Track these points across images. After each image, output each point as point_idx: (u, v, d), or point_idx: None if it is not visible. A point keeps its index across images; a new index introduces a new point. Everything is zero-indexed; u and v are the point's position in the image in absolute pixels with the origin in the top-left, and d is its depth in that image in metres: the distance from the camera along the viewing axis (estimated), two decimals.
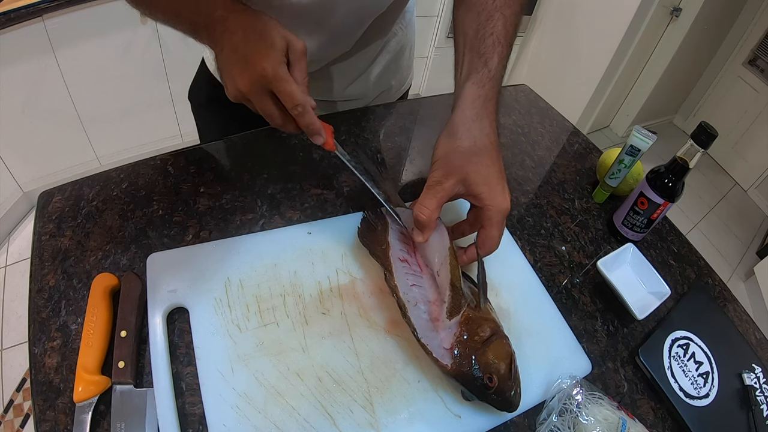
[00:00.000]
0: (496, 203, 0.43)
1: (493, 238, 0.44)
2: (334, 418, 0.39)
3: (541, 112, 0.87)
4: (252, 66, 0.40)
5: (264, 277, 0.46)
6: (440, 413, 0.41)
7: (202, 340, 0.41)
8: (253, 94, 0.41)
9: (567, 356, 0.48)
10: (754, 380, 0.52)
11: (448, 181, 0.43)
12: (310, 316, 0.45)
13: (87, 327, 0.40)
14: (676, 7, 2.17)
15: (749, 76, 2.58)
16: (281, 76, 0.40)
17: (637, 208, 0.60)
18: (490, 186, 0.43)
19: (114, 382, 0.38)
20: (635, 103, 2.63)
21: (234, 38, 0.41)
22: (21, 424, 1.20)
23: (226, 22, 0.42)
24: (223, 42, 0.42)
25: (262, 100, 0.41)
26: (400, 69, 0.77)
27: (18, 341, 1.34)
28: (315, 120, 0.44)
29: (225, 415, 0.37)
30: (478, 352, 0.40)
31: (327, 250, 0.50)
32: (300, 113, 0.42)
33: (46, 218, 0.50)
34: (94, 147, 1.67)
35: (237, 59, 0.41)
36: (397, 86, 0.80)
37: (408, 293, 0.44)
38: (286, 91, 0.40)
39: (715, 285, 0.64)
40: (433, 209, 0.42)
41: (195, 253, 0.47)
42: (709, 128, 0.52)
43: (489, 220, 0.43)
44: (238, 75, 0.41)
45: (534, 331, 0.49)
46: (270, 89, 0.41)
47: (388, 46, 0.70)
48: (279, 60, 0.40)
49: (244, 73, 0.40)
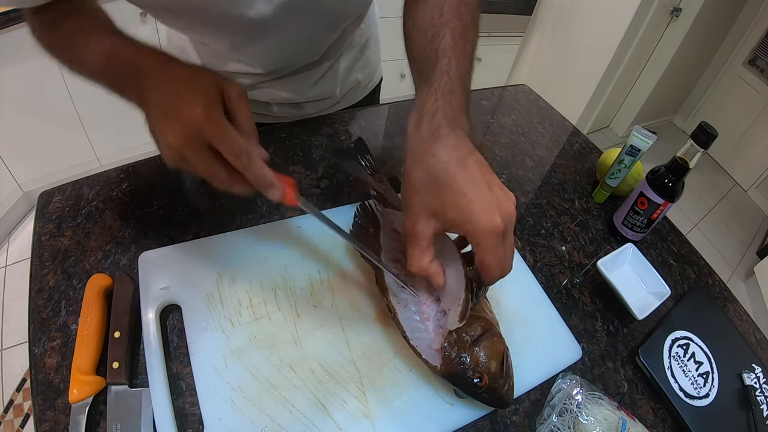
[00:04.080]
0: (475, 225, 0.35)
1: (489, 265, 0.36)
2: (327, 409, 0.39)
3: (541, 112, 0.87)
4: (183, 116, 0.34)
5: (255, 272, 0.47)
6: (433, 401, 0.42)
7: (195, 335, 0.41)
8: (188, 149, 0.34)
9: (555, 341, 0.49)
10: (754, 380, 0.52)
11: (420, 225, 0.37)
12: (301, 309, 0.45)
13: (81, 328, 0.40)
14: (676, 7, 2.17)
15: (749, 76, 2.58)
16: (217, 122, 0.34)
17: (637, 208, 0.60)
18: (462, 209, 0.35)
19: (109, 382, 0.38)
20: (635, 103, 2.63)
21: (161, 92, 0.36)
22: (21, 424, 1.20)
23: (153, 77, 0.37)
24: (150, 98, 0.36)
25: (200, 155, 0.34)
26: (368, 63, 0.75)
27: (18, 341, 1.34)
28: (265, 171, 0.37)
29: (220, 409, 0.38)
30: (468, 351, 0.39)
31: (317, 244, 0.51)
32: (245, 164, 0.35)
33: (46, 218, 0.50)
34: (94, 147, 1.67)
35: (165, 113, 0.35)
36: (365, 81, 0.77)
37: (399, 294, 0.43)
38: (225, 138, 0.34)
39: (715, 285, 0.64)
40: (417, 258, 0.38)
41: (186, 250, 0.47)
42: (709, 128, 0.52)
43: (477, 246, 0.36)
44: (168, 130, 0.34)
45: (522, 317, 0.50)
46: (207, 141, 0.34)
47: (351, 40, 0.68)
48: (213, 106, 0.35)
49: (174, 126, 0.34)
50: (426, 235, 0.37)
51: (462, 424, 0.42)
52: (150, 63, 0.38)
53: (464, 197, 0.35)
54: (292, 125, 0.68)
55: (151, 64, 0.38)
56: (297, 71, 0.65)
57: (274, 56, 0.60)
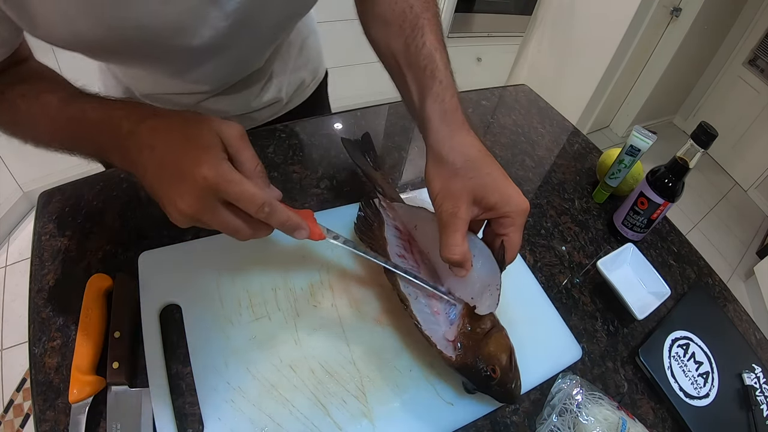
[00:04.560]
0: (515, 206, 0.38)
1: (517, 244, 0.40)
2: (327, 409, 0.39)
3: (541, 112, 0.87)
4: (190, 179, 0.31)
5: (255, 272, 0.47)
6: (432, 401, 0.42)
7: (195, 335, 0.41)
8: (203, 213, 0.32)
9: (555, 341, 0.49)
10: (754, 380, 0.52)
11: (460, 208, 0.38)
12: (301, 309, 0.45)
13: (81, 328, 0.40)
14: (676, 7, 2.17)
15: (749, 76, 2.58)
16: (229, 177, 0.32)
17: (637, 208, 0.60)
18: (501, 192, 0.38)
19: (109, 382, 0.38)
20: (635, 103, 2.63)
21: (156, 154, 0.33)
22: (21, 424, 1.20)
23: (139, 137, 0.33)
24: (144, 162, 0.33)
25: (217, 214, 0.33)
26: (309, 60, 0.72)
27: (18, 341, 1.34)
28: (289, 214, 0.36)
29: (220, 409, 0.38)
30: (481, 344, 0.40)
31: (316, 243, 0.50)
32: (269, 213, 0.34)
33: (46, 218, 0.50)
34: None
35: (169, 178, 0.32)
36: (309, 78, 0.75)
37: (408, 287, 0.44)
38: (241, 193, 0.32)
39: (715, 285, 0.64)
40: (459, 244, 0.38)
41: (186, 250, 0.47)
42: (709, 128, 0.52)
43: (513, 226, 0.39)
44: (177, 197, 0.32)
45: (522, 317, 0.50)
46: (221, 198, 0.32)
47: (288, 40, 0.66)
48: (219, 160, 0.32)
49: (183, 191, 0.32)
50: (465, 219, 0.38)
51: (462, 424, 0.42)
52: (129, 122, 0.34)
53: (503, 182, 0.39)
54: (292, 125, 0.68)
55: (131, 123, 0.34)
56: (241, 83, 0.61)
57: (219, 75, 0.56)
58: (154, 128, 0.34)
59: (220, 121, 0.35)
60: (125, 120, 0.34)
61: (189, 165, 0.31)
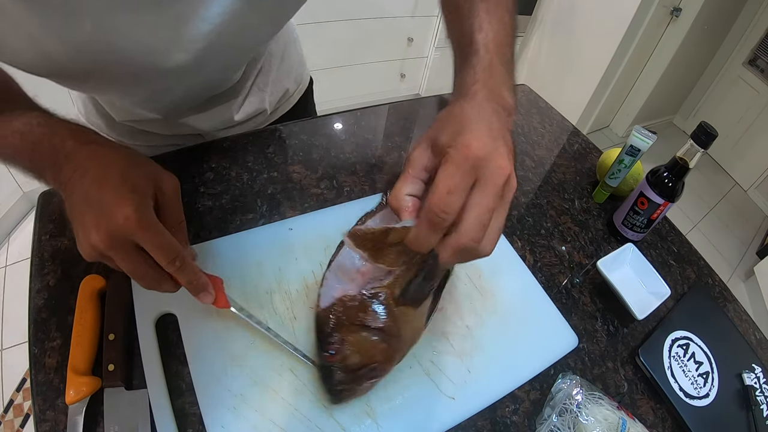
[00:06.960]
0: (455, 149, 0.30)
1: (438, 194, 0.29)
2: (330, 410, 0.39)
3: (541, 112, 0.87)
4: (111, 215, 0.31)
5: (249, 277, 0.47)
6: (434, 397, 0.42)
7: (193, 344, 0.41)
8: (114, 251, 0.32)
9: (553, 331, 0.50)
10: (754, 380, 0.52)
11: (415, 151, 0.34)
12: (298, 312, 0.45)
13: (76, 329, 0.39)
14: (676, 7, 2.17)
15: (749, 76, 2.58)
16: (149, 224, 0.32)
17: (637, 208, 0.60)
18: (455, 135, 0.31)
19: (104, 384, 0.38)
20: (635, 103, 2.63)
21: (86, 180, 0.32)
22: (21, 424, 1.20)
23: (77, 159, 0.33)
24: (73, 184, 0.33)
25: (126, 256, 0.32)
26: (292, 68, 0.72)
27: (18, 341, 1.34)
28: (199, 274, 0.36)
29: (223, 417, 0.37)
30: (350, 328, 0.39)
31: (309, 245, 0.50)
32: (179, 268, 0.34)
33: (46, 218, 0.50)
34: None
35: (90, 208, 0.32)
36: (293, 87, 0.74)
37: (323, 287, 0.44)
38: (158, 242, 0.32)
39: (715, 285, 0.64)
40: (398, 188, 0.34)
41: None
42: (709, 128, 0.52)
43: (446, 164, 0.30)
44: (92, 227, 0.31)
45: (521, 316, 0.50)
46: (136, 242, 0.32)
47: (269, 51, 0.65)
48: (145, 205, 0.33)
49: (100, 225, 0.31)
50: (417, 163, 0.34)
51: (465, 417, 0.42)
52: (71, 144, 0.34)
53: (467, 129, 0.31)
54: (292, 125, 0.68)
55: (71, 145, 0.34)
56: (222, 96, 0.60)
57: (193, 94, 0.55)
58: (94, 153, 0.34)
59: (160, 171, 0.36)
60: (67, 141, 0.34)
61: (115, 201, 0.31)
